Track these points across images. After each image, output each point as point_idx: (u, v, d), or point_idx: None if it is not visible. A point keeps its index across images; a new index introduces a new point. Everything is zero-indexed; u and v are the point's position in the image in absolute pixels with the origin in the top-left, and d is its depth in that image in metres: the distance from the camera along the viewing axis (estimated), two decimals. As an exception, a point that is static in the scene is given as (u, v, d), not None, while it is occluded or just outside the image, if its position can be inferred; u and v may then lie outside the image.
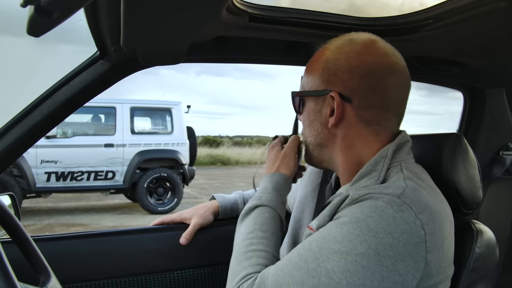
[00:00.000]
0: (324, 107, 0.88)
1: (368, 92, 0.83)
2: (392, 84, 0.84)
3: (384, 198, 0.72)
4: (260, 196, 0.95)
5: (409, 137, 0.89)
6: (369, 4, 1.17)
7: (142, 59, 1.06)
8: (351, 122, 0.85)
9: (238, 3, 0.95)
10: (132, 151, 7.57)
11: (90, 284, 1.19)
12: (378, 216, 0.70)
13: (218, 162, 19.21)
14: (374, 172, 0.81)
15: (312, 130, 0.92)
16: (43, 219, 6.96)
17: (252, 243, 0.86)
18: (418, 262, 0.70)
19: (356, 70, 0.83)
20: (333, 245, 0.71)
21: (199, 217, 1.29)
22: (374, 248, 0.69)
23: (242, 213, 0.96)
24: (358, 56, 0.84)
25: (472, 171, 0.94)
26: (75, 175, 7.23)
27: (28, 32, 0.55)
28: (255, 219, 0.91)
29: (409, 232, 0.69)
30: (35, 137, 1.10)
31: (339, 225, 0.73)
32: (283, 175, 0.98)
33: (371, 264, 0.68)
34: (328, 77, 0.86)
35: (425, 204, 0.73)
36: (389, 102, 0.84)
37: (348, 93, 0.84)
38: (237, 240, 0.92)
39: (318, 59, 0.90)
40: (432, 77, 1.55)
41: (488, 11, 0.90)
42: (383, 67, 0.83)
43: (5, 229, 0.91)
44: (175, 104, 8.14)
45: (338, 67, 0.85)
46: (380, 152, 0.84)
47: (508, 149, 1.71)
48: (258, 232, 0.88)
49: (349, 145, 0.87)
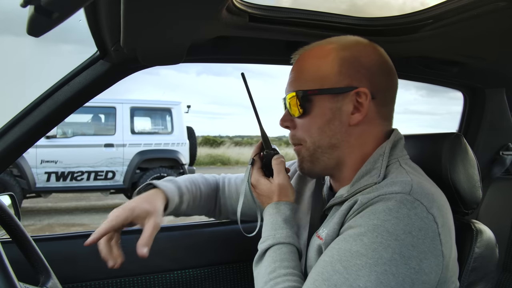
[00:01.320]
0: (345, 104, 0.85)
1: (387, 90, 0.88)
2: (396, 83, 0.91)
3: (396, 197, 0.72)
4: (274, 234, 0.87)
5: (402, 135, 0.90)
6: (370, 4, 1.17)
7: (142, 59, 1.06)
8: (372, 118, 0.86)
9: (238, 3, 0.95)
10: (132, 151, 7.57)
11: (90, 284, 1.19)
12: (394, 218, 0.69)
13: (218, 162, 19.20)
14: (373, 170, 0.81)
15: (326, 131, 0.86)
16: (43, 219, 6.96)
17: (277, 283, 0.79)
18: (437, 257, 0.70)
19: (379, 67, 0.87)
20: (358, 261, 0.68)
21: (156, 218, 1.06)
22: (399, 252, 0.68)
23: (257, 254, 0.88)
24: (374, 54, 0.87)
25: (471, 171, 0.94)
26: (75, 175, 7.23)
27: (28, 32, 0.55)
28: (274, 258, 0.84)
29: (425, 228, 0.69)
30: (35, 137, 1.10)
31: (358, 237, 0.71)
32: (288, 205, 0.91)
33: (400, 269, 0.67)
34: (351, 74, 0.85)
35: (432, 197, 0.73)
36: (395, 99, 0.91)
37: (372, 90, 0.85)
38: (259, 283, 0.83)
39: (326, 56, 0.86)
40: (432, 77, 1.55)
41: (488, 11, 0.90)
42: (391, 66, 0.90)
43: (5, 229, 0.91)
44: (175, 104, 8.14)
45: (361, 64, 0.85)
46: (377, 150, 0.84)
47: (508, 149, 1.71)
48: (280, 270, 0.81)
49: (362, 143, 0.87)
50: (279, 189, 0.92)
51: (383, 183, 0.77)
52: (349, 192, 0.82)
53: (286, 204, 0.91)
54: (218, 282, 1.33)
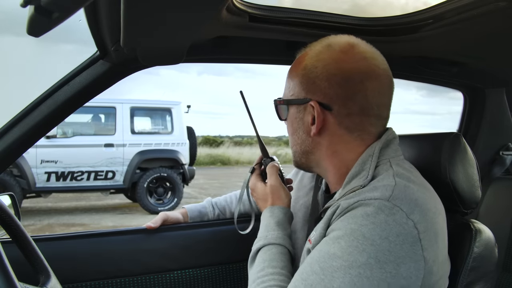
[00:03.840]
0: (306, 115, 0.87)
1: (347, 100, 0.82)
2: (372, 89, 0.82)
3: (375, 203, 0.72)
4: (266, 236, 0.92)
5: (395, 134, 0.88)
6: (372, 4, 1.17)
7: (142, 59, 1.06)
8: (333, 130, 0.85)
9: (238, 3, 0.95)
10: (132, 151, 7.57)
11: (90, 284, 1.19)
12: (371, 223, 0.70)
13: (218, 162, 19.20)
14: (363, 172, 0.81)
15: (296, 139, 0.91)
16: (43, 219, 6.96)
17: (263, 281, 0.83)
18: (418, 262, 0.70)
19: (334, 78, 0.82)
20: (334, 262, 0.70)
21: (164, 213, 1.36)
22: (374, 256, 0.68)
23: (251, 255, 0.93)
24: (336, 63, 0.82)
25: (470, 171, 0.94)
26: (75, 175, 7.23)
27: (28, 32, 0.55)
28: (263, 257, 0.88)
29: (403, 234, 0.69)
30: (35, 137, 1.10)
31: (336, 240, 0.73)
32: (282, 209, 0.97)
33: (374, 273, 0.68)
34: (308, 85, 0.85)
35: (415, 202, 0.73)
36: (371, 107, 0.83)
37: (327, 102, 0.83)
38: (249, 281, 0.88)
39: (298, 65, 0.89)
40: (432, 77, 1.55)
41: (488, 11, 0.90)
42: (361, 72, 0.82)
43: (5, 229, 0.91)
44: (175, 104, 8.14)
45: (316, 75, 0.84)
46: (367, 151, 0.83)
47: (508, 149, 1.71)
48: (268, 269, 0.85)
49: (334, 152, 0.86)
50: (271, 190, 1.00)
51: (366, 188, 0.77)
52: (340, 194, 0.82)
53: (280, 208, 0.97)
54: (218, 282, 1.33)
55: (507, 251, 1.57)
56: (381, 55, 0.87)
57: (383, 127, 0.87)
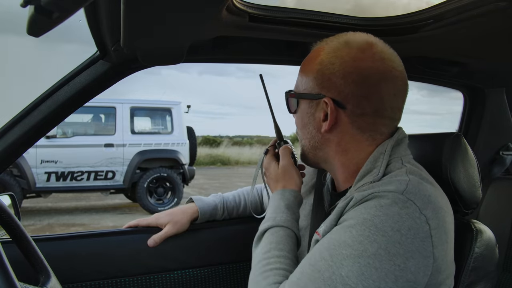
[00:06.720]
0: (318, 111, 0.86)
1: (362, 99, 0.81)
2: (387, 91, 0.82)
3: (389, 195, 0.72)
4: (274, 217, 0.90)
5: (406, 134, 0.88)
6: (374, 4, 1.17)
7: (142, 59, 1.06)
8: (345, 128, 0.84)
9: (238, 3, 0.95)
10: (132, 151, 7.57)
11: (90, 284, 1.19)
12: (384, 214, 0.70)
13: (218, 162, 19.20)
14: (374, 169, 0.81)
15: (305, 133, 0.91)
16: (43, 219, 6.96)
17: (269, 263, 0.82)
18: (427, 258, 0.70)
19: (351, 76, 0.81)
20: (344, 250, 0.70)
21: (173, 226, 1.24)
22: (384, 247, 0.68)
23: (257, 235, 0.91)
24: (353, 61, 0.82)
25: (471, 171, 0.94)
26: (75, 175, 7.22)
27: (28, 32, 0.55)
28: (270, 239, 0.87)
29: (415, 228, 0.69)
30: (35, 137, 1.10)
31: (347, 228, 0.72)
32: (293, 192, 0.95)
33: (383, 264, 0.68)
34: (323, 81, 0.85)
35: (428, 199, 0.73)
36: (384, 109, 0.82)
37: (342, 100, 0.82)
38: (254, 262, 0.87)
39: (313, 60, 0.88)
40: (432, 77, 1.55)
41: (488, 11, 0.90)
42: (378, 73, 0.81)
43: (5, 229, 0.91)
44: (175, 104, 8.14)
45: (333, 72, 0.83)
46: (378, 148, 0.83)
47: (508, 149, 1.71)
48: (274, 251, 0.84)
49: (344, 150, 0.86)
50: (283, 171, 0.97)
51: (380, 182, 0.77)
52: (351, 192, 0.82)
53: (291, 191, 0.95)
54: (218, 282, 1.33)
55: (508, 251, 1.57)
56: (398, 57, 0.86)
57: (395, 128, 0.87)
